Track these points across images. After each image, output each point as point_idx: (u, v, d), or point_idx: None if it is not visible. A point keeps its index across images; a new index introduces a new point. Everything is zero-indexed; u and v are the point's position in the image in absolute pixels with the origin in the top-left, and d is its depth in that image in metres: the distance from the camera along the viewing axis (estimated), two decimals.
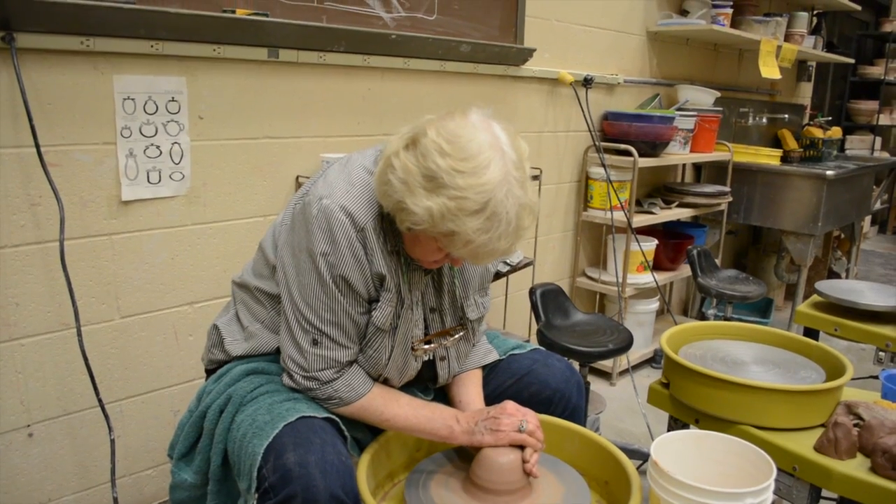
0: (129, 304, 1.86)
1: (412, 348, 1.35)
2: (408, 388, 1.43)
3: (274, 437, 1.18)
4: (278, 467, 1.14)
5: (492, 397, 1.47)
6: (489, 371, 1.53)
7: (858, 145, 6.16)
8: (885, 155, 6.24)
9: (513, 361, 1.53)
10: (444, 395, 1.50)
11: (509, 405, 1.31)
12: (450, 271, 1.39)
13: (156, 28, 1.72)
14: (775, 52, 3.69)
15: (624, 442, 2.59)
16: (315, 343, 1.27)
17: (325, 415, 1.26)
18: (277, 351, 1.36)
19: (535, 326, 2.26)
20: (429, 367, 1.42)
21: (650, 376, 3.30)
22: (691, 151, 3.41)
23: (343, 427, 1.28)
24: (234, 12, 1.84)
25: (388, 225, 1.25)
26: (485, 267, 1.44)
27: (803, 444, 1.50)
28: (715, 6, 3.44)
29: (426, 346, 1.37)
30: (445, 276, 1.39)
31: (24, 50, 1.57)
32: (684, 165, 3.86)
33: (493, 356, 1.53)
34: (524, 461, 1.26)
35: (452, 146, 1.11)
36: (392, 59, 2.28)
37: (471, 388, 1.45)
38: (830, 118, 5.24)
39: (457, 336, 1.42)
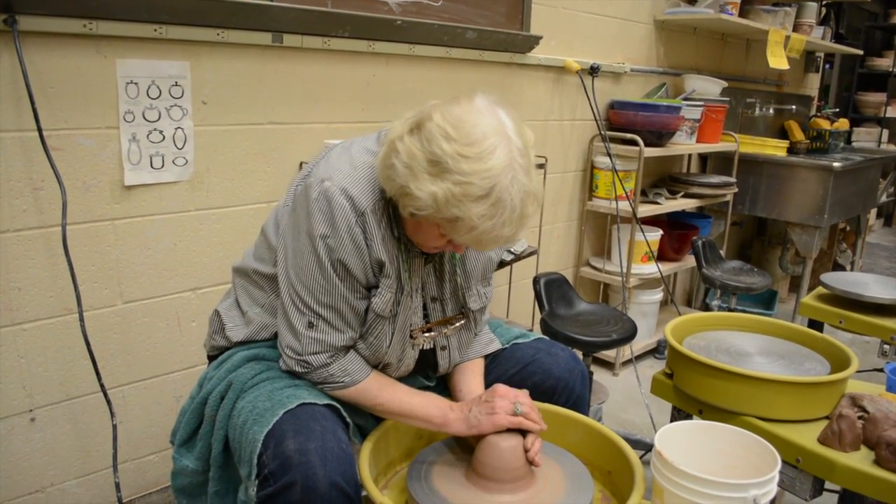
0: (131, 290, 1.86)
1: (410, 336, 1.34)
2: (410, 376, 1.42)
3: (274, 424, 1.17)
4: (278, 454, 1.14)
5: None
6: (492, 360, 1.52)
7: (865, 137, 6.13)
8: (892, 147, 6.21)
9: (516, 350, 1.53)
10: (445, 385, 1.50)
11: (500, 387, 1.30)
12: (451, 260, 1.38)
13: (159, 12, 1.71)
14: (783, 42, 3.66)
15: (627, 432, 2.59)
16: (311, 326, 1.26)
17: (327, 401, 1.26)
18: (277, 335, 1.35)
19: (538, 316, 2.25)
20: (430, 356, 1.41)
21: (653, 367, 3.30)
22: (697, 142, 3.39)
23: (345, 414, 1.28)
24: None
25: (391, 210, 1.24)
26: (487, 257, 1.43)
27: (807, 436, 1.50)
28: None
29: (425, 335, 1.36)
30: (447, 264, 1.38)
31: (27, 33, 1.56)
32: (690, 156, 3.84)
33: (496, 345, 1.52)
34: (525, 449, 1.26)
35: (458, 131, 1.10)
36: (397, 45, 2.26)
37: (472, 378, 1.45)
38: (837, 110, 5.21)
39: (457, 325, 1.41)
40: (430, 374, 1.47)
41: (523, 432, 1.27)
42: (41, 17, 1.57)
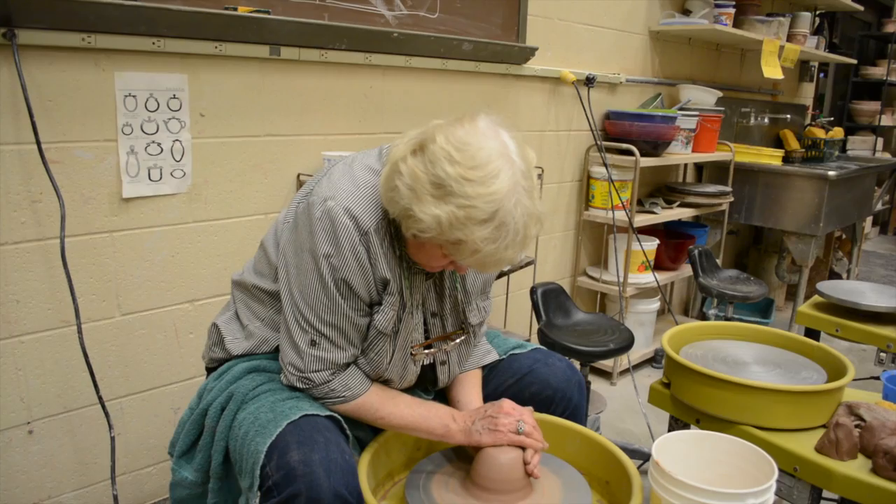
0: (129, 302, 1.86)
1: (411, 353, 1.35)
2: (408, 390, 1.42)
3: (277, 435, 1.17)
4: (282, 465, 1.14)
5: (492, 397, 1.46)
6: (489, 370, 1.52)
7: (860, 146, 6.15)
8: (887, 156, 6.24)
9: (513, 361, 1.53)
10: (443, 396, 1.50)
11: (506, 404, 1.30)
12: (451, 276, 1.38)
13: (157, 25, 1.72)
14: (778, 52, 3.69)
15: (624, 441, 2.59)
16: (313, 344, 1.26)
17: (328, 413, 1.26)
18: (278, 349, 1.36)
19: (535, 326, 2.25)
20: (429, 371, 1.41)
21: (651, 376, 3.30)
22: (693, 151, 3.40)
23: (345, 426, 1.28)
24: (235, 9, 1.84)
25: (393, 229, 1.25)
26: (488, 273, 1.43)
27: (804, 445, 1.50)
28: (717, 6, 3.44)
29: (426, 351, 1.37)
30: (447, 280, 1.38)
31: (26, 46, 1.57)
32: (686, 165, 3.86)
33: (493, 356, 1.53)
34: (525, 462, 1.26)
35: (462, 154, 1.10)
36: (394, 58, 2.28)
37: (469, 389, 1.45)
38: (832, 118, 5.23)
39: (458, 341, 1.41)
40: (428, 387, 1.47)
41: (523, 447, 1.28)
42: (40, 31, 1.58)
